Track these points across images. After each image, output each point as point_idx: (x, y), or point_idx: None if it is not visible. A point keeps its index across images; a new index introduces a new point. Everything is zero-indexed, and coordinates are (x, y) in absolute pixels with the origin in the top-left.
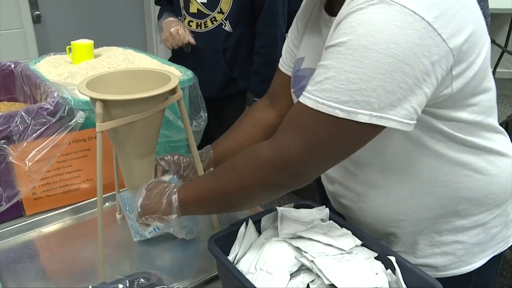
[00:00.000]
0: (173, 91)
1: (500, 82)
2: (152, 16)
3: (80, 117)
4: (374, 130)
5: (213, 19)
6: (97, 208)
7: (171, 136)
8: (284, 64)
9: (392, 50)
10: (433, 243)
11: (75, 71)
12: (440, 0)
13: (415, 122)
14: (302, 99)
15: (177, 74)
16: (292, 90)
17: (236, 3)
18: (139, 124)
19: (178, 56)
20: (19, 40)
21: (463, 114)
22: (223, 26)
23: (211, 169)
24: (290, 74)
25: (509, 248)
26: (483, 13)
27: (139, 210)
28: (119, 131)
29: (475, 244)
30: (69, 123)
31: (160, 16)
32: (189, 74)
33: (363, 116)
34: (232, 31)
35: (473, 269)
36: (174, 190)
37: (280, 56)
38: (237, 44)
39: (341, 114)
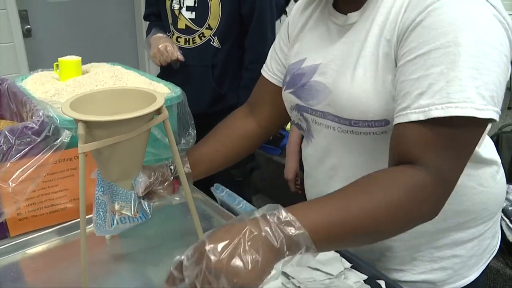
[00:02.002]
0: (158, 111)
1: None
2: (143, 31)
3: (65, 136)
4: (486, 125)
5: (201, 35)
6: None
7: (158, 154)
8: (268, 71)
9: (492, 41)
10: (432, 259)
11: (62, 88)
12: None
13: None
14: (424, 116)
15: (165, 91)
16: (289, 91)
17: (224, 19)
18: (123, 145)
19: (167, 72)
20: (9, 54)
21: None
22: (211, 42)
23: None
24: (274, 81)
25: (500, 261)
26: None
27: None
28: (102, 152)
29: (470, 257)
30: (55, 143)
31: (148, 32)
32: (177, 91)
33: (491, 113)
34: (220, 47)
35: (468, 282)
36: (282, 224)
37: None
38: (226, 60)
39: (476, 113)
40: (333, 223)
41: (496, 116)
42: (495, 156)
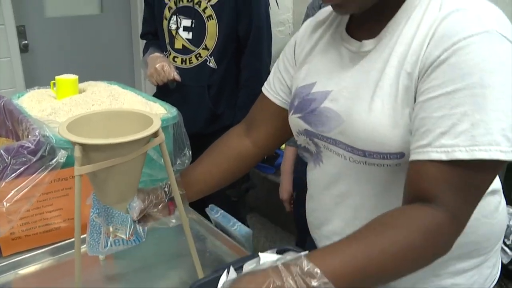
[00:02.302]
0: (155, 134)
1: None
2: (140, 50)
3: (61, 156)
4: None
5: (198, 55)
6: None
7: (154, 175)
8: (270, 90)
9: None
10: (432, 287)
11: (59, 107)
12: None
13: None
14: (446, 156)
15: (161, 111)
16: (297, 115)
17: (221, 39)
18: (119, 167)
19: (163, 91)
20: (6, 69)
21: None
22: (207, 63)
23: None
24: (276, 101)
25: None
26: None
27: None
28: (98, 175)
29: (471, 285)
30: (50, 162)
31: (145, 51)
32: (173, 111)
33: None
34: (216, 67)
35: None
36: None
37: None
38: (222, 80)
39: (502, 156)
40: (355, 269)
41: None
42: (498, 185)
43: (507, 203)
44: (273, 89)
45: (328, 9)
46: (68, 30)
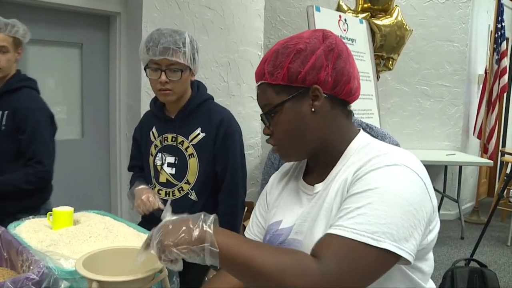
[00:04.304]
0: (160, 270)
1: (444, 224)
2: (117, 174)
3: (64, 287)
4: (392, 259)
5: (180, 188)
6: None
7: None
8: (251, 233)
9: (407, 197)
10: None
11: (57, 238)
12: (423, 169)
13: (414, 258)
14: (337, 232)
15: None
16: None
17: (201, 175)
18: None
19: (148, 220)
20: None
21: (423, 265)
22: (189, 195)
23: None
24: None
25: None
26: None
27: (162, 243)
28: None
29: None
30: None
31: (132, 182)
32: None
33: (388, 245)
34: (197, 199)
35: None
36: (208, 223)
37: (241, 223)
38: (202, 211)
39: (372, 242)
40: (239, 254)
41: (395, 250)
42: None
43: None
44: (253, 232)
45: (287, 164)
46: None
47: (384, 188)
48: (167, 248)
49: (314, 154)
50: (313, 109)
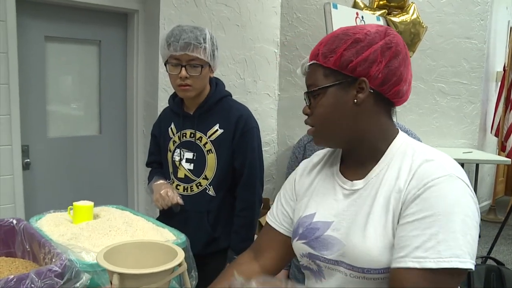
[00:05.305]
0: (179, 264)
1: None
2: (134, 171)
3: (85, 279)
4: (464, 274)
5: (198, 184)
6: None
7: None
8: (276, 221)
9: (469, 213)
10: None
11: (78, 232)
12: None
13: None
14: (419, 265)
15: (171, 237)
16: (302, 241)
17: (219, 170)
18: None
19: (166, 215)
20: (8, 186)
21: None
22: (207, 191)
23: None
24: (281, 231)
25: None
26: None
27: None
28: None
29: None
30: (75, 285)
31: (150, 178)
32: (182, 237)
33: (469, 264)
34: (215, 195)
35: None
36: None
37: (258, 218)
38: (220, 207)
39: (460, 265)
40: None
41: (473, 267)
42: None
43: None
44: (278, 220)
45: (320, 153)
46: (69, 149)
47: (450, 208)
48: None
49: (351, 147)
50: (355, 100)
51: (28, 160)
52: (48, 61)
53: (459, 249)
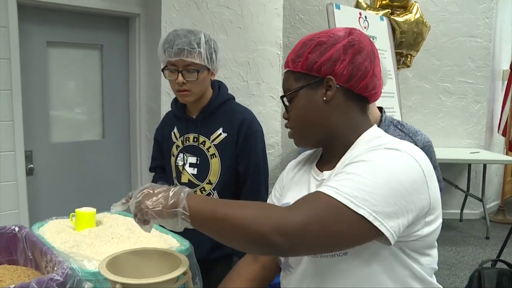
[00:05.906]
0: (184, 273)
1: (468, 223)
2: (138, 174)
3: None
4: (369, 230)
5: (202, 189)
6: None
7: None
8: None
9: (399, 177)
10: None
11: (80, 239)
12: (429, 163)
13: (395, 240)
14: (323, 189)
15: (174, 244)
16: None
17: (223, 175)
18: None
19: None
20: (12, 192)
21: (422, 259)
22: (211, 196)
23: None
24: None
25: None
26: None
27: (140, 203)
28: None
29: None
30: None
31: (154, 183)
32: (186, 244)
33: (365, 212)
34: None
35: None
36: (186, 192)
37: None
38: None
39: (350, 205)
40: (214, 209)
41: (371, 219)
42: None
43: None
44: None
45: (306, 153)
46: (72, 154)
47: (377, 162)
48: (144, 208)
49: (327, 143)
50: (325, 98)
51: (32, 165)
52: (51, 66)
53: (360, 193)
